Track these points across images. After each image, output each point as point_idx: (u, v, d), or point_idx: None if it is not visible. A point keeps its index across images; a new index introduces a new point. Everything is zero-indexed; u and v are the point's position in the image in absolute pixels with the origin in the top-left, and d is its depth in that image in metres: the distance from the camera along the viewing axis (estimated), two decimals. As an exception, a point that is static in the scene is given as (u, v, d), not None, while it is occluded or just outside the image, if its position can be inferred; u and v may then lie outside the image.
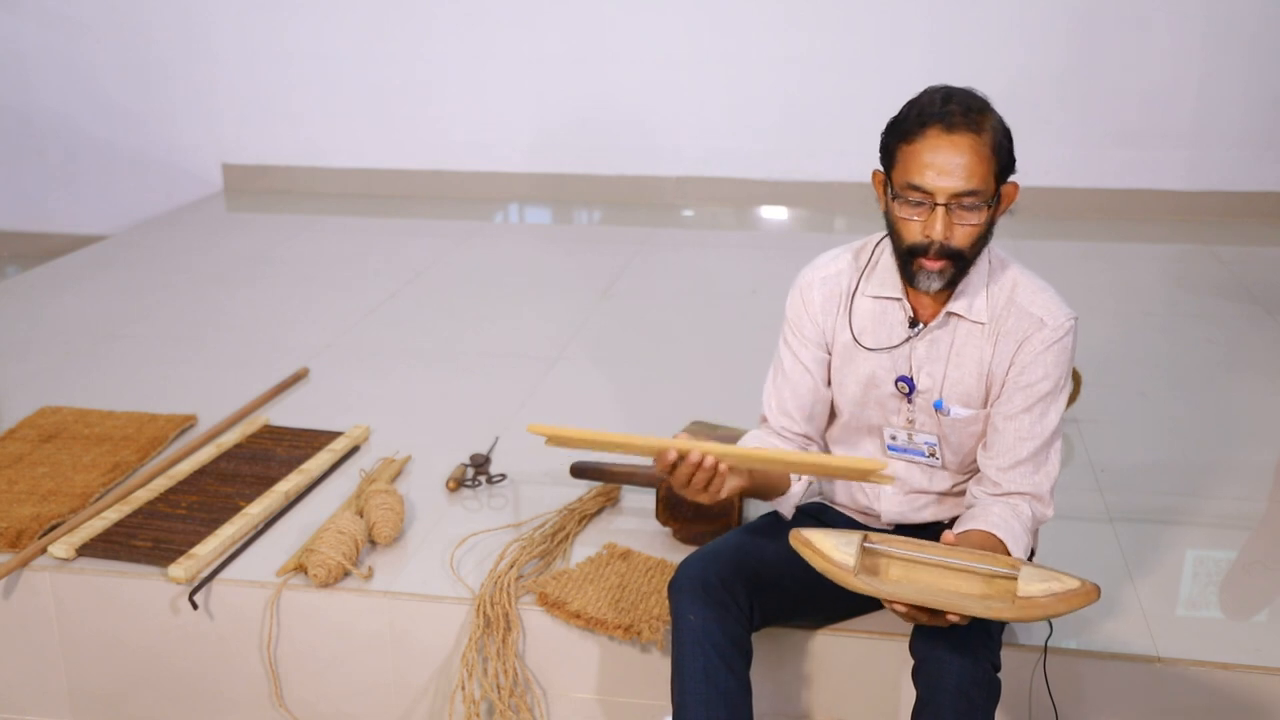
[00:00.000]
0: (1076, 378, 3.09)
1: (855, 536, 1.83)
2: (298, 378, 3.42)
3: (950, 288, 1.94)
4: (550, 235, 5.56)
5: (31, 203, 6.17)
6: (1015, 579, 1.75)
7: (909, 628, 1.91)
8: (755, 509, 2.52)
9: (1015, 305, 1.97)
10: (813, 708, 2.25)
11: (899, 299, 2.02)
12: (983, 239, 1.91)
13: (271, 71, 5.85)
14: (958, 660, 1.82)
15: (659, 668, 2.23)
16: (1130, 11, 5.24)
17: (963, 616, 1.74)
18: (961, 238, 1.87)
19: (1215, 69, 5.25)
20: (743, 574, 1.98)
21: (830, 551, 1.80)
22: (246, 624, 2.38)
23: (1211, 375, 3.48)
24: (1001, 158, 1.87)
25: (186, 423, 3.10)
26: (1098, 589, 1.74)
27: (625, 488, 2.72)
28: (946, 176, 1.82)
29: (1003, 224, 1.90)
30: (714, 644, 1.93)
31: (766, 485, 2.02)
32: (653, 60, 5.59)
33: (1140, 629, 2.21)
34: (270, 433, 3.00)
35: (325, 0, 5.73)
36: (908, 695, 2.16)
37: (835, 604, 2.18)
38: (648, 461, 2.80)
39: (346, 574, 2.36)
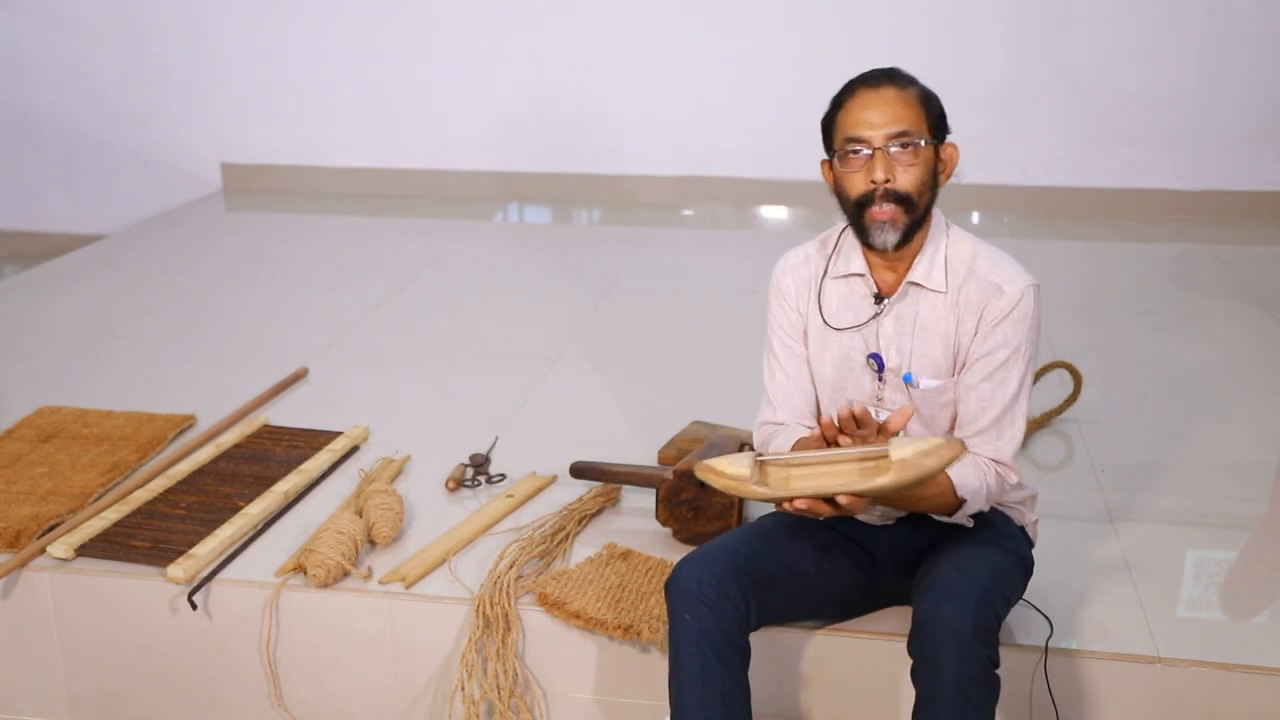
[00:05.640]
0: (1077, 378, 3.09)
1: (749, 454, 1.92)
2: (297, 378, 3.42)
3: (906, 242, 2.01)
4: (550, 235, 5.55)
5: (31, 202, 6.16)
6: (888, 454, 1.85)
7: (908, 628, 1.91)
8: (755, 509, 2.51)
9: (975, 275, 2.04)
10: (813, 708, 2.25)
11: (863, 274, 2.09)
12: (927, 187, 2.00)
13: (271, 71, 5.85)
14: (957, 659, 1.83)
15: (659, 668, 2.23)
16: (1130, 11, 5.24)
17: (854, 498, 1.81)
18: (905, 181, 1.98)
19: (1214, 69, 5.24)
20: (740, 574, 1.99)
21: (726, 468, 1.89)
22: (246, 624, 2.37)
23: (1211, 375, 3.48)
24: (931, 111, 2.00)
25: (185, 423, 3.10)
26: (961, 442, 1.85)
27: (625, 488, 2.71)
28: (878, 123, 1.96)
29: (1004, 224, 1.92)
30: (711, 644, 1.93)
31: None
32: (653, 60, 5.59)
33: (1140, 629, 2.21)
34: (269, 433, 3.00)
35: (325, 0, 5.73)
36: (907, 696, 2.16)
37: (833, 605, 2.19)
38: (651, 460, 2.80)
39: (346, 574, 2.36)
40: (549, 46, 5.64)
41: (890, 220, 1.98)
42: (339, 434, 2.98)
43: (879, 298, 2.08)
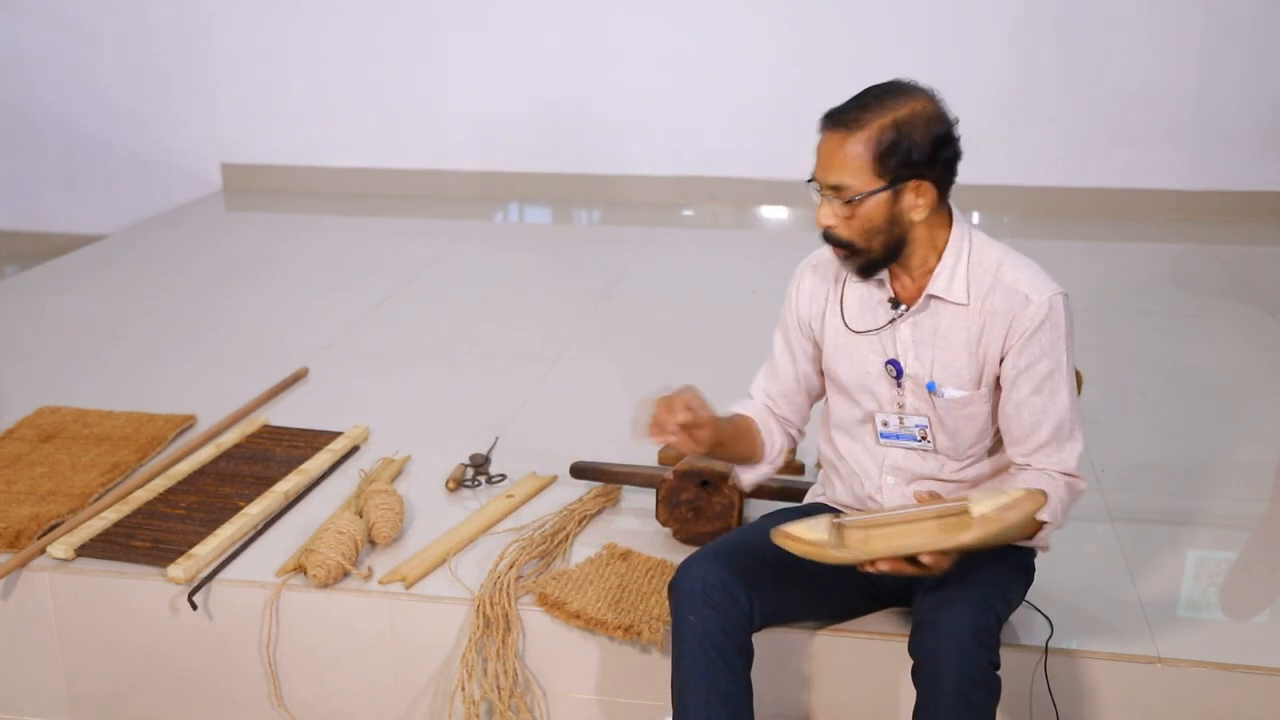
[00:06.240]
0: (1078, 377, 3.09)
1: (825, 517, 1.92)
2: (297, 378, 3.42)
3: (873, 273, 2.01)
4: (550, 235, 5.55)
5: (31, 202, 6.16)
6: (968, 510, 1.84)
7: (908, 629, 1.92)
8: (755, 510, 2.51)
9: (1001, 283, 2.00)
10: (814, 708, 2.25)
11: (881, 279, 2.07)
12: (877, 232, 1.95)
13: (271, 71, 5.85)
14: (957, 660, 1.83)
15: (659, 668, 2.23)
16: (1130, 10, 5.24)
17: (939, 556, 1.81)
18: (845, 229, 1.95)
19: (1214, 69, 5.24)
20: (743, 574, 1.99)
21: (804, 534, 1.89)
22: (246, 624, 2.37)
23: (1211, 375, 3.48)
24: (887, 155, 1.90)
25: (186, 423, 3.10)
26: (1043, 492, 1.84)
27: (625, 488, 2.71)
28: (822, 170, 1.94)
29: (1004, 224, 1.92)
30: (714, 644, 1.93)
31: (735, 453, 2.16)
32: (653, 60, 5.59)
33: (1140, 629, 2.21)
34: (269, 433, 3.00)
35: (325, 0, 5.73)
36: (908, 696, 2.17)
37: (835, 606, 2.19)
38: (651, 460, 2.80)
39: (346, 574, 2.36)
40: (549, 46, 5.64)
41: (844, 258, 2.00)
42: (339, 434, 2.98)
43: (895, 303, 2.05)
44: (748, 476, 2.21)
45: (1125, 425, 3.10)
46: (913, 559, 1.82)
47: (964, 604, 1.86)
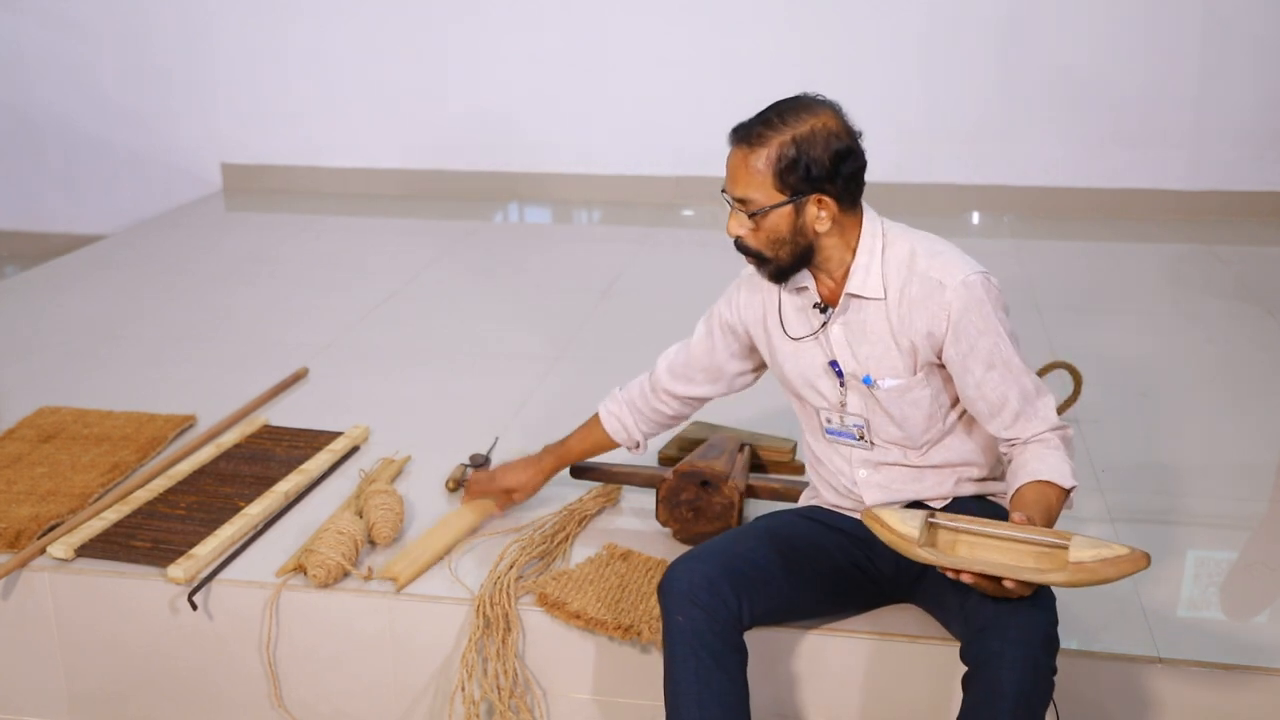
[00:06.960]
0: (1077, 378, 3.09)
1: (921, 512, 1.90)
2: (297, 378, 3.42)
3: (785, 278, 2.07)
4: (550, 235, 5.56)
5: (31, 203, 6.16)
6: (1068, 549, 1.80)
7: (914, 629, 1.92)
8: (753, 509, 2.52)
9: (916, 273, 2.04)
10: (816, 709, 2.24)
11: (807, 287, 2.11)
12: (784, 242, 2.01)
13: (271, 71, 5.85)
14: (1022, 667, 1.81)
15: (658, 668, 2.21)
16: (1130, 11, 5.24)
17: (1021, 584, 1.80)
18: (753, 240, 2.03)
19: (1215, 69, 5.25)
20: (731, 574, 1.99)
21: (896, 524, 1.88)
22: (246, 624, 2.37)
23: (1211, 375, 3.48)
24: (787, 171, 1.97)
25: (186, 423, 3.10)
26: (1147, 556, 1.78)
27: (625, 488, 2.71)
28: (730, 183, 2.02)
29: (1004, 224, 1.91)
30: (704, 644, 1.94)
31: (585, 453, 2.52)
32: (653, 60, 5.59)
33: (1140, 629, 2.21)
34: (269, 433, 3.00)
35: (325, 0, 5.73)
36: (915, 697, 2.17)
37: (830, 603, 2.18)
38: (652, 460, 2.80)
39: (346, 574, 2.36)
40: (549, 46, 5.64)
41: (756, 266, 2.08)
42: (339, 434, 2.98)
43: (822, 306, 2.10)
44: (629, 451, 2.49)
45: (1125, 425, 3.10)
46: (996, 578, 1.80)
47: (1034, 610, 1.84)
